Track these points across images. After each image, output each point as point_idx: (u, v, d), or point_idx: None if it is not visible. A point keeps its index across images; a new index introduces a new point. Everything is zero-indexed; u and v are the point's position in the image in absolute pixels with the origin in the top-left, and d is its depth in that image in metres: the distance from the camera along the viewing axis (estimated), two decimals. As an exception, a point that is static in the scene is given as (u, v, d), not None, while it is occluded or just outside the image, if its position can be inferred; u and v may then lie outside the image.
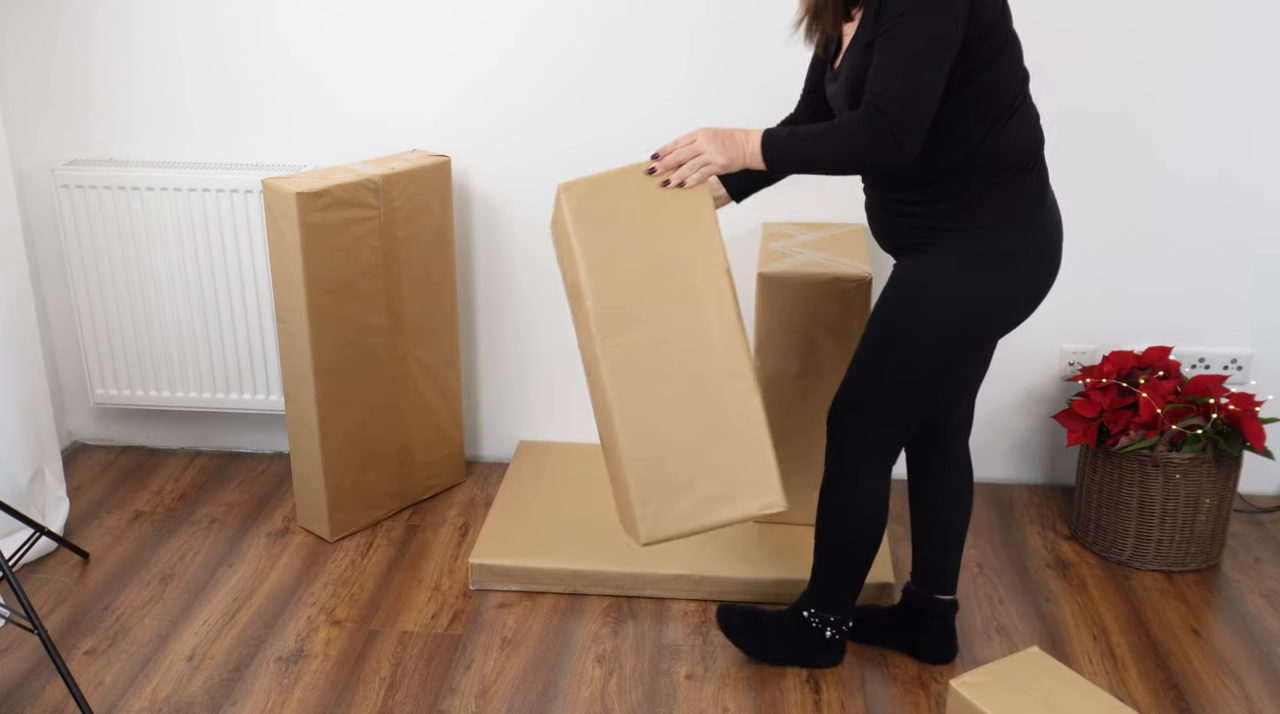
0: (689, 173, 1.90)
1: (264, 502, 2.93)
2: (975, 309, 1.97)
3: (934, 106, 1.78)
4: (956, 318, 1.97)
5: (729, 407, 1.88)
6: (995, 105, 1.87)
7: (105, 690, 2.25)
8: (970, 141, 1.87)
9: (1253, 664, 2.34)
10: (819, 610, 2.26)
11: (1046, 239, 1.97)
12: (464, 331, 3.02)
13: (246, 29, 2.80)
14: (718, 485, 1.90)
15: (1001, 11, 1.86)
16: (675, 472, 1.89)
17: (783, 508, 1.91)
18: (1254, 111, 2.67)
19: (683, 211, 1.90)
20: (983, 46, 1.82)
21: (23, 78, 2.87)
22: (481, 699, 2.23)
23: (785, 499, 1.91)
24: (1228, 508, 2.64)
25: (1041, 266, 1.98)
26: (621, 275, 1.89)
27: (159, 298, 2.93)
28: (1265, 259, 2.78)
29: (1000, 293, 1.96)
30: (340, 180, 2.53)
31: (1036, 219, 1.95)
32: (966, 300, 1.96)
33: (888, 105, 1.76)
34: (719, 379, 1.88)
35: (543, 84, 2.79)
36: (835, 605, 2.25)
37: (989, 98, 1.86)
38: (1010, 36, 1.88)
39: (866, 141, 1.78)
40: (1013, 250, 1.93)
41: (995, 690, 1.84)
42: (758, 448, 1.89)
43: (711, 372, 1.88)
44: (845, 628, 2.28)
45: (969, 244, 1.93)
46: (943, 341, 1.99)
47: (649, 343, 1.88)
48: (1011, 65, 1.89)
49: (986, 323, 2.00)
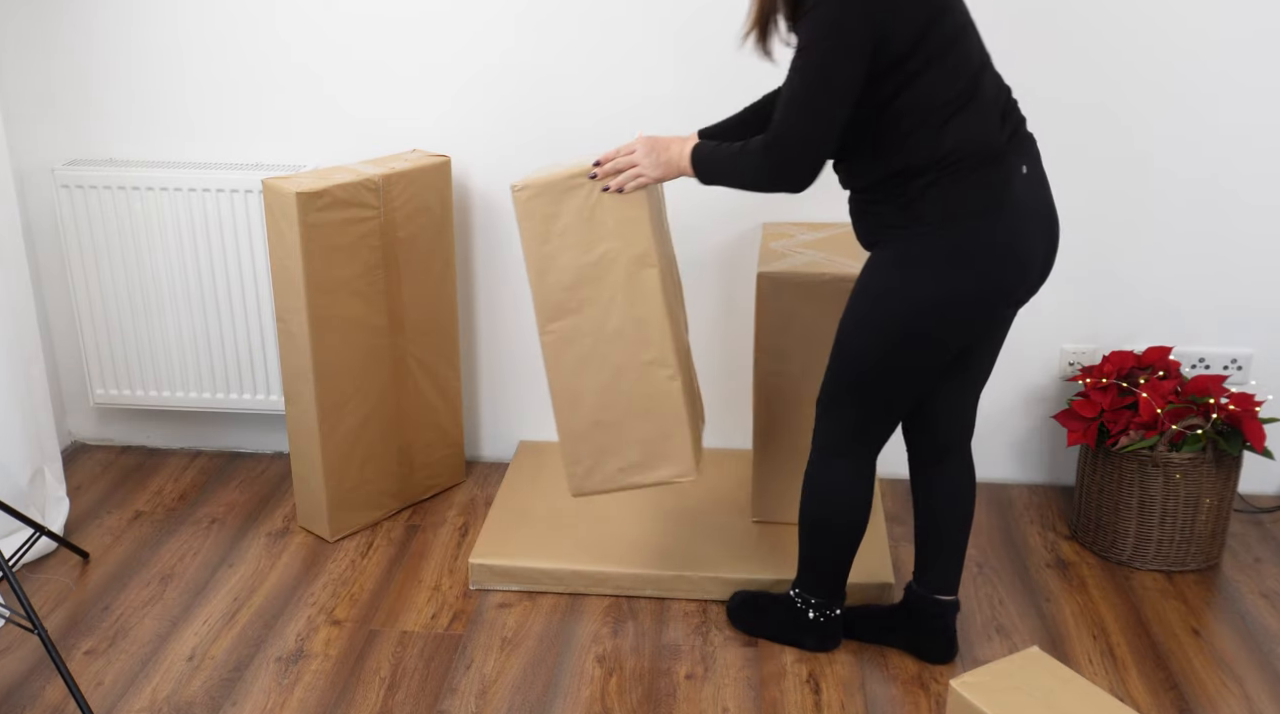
0: (625, 181, 2.07)
1: (264, 502, 2.93)
2: (916, 307, 1.96)
3: (828, 142, 1.87)
4: (897, 315, 1.97)
5: (651, 390, 2.17)
6: (929, 112, 1.87)
7: (105, 690, 2.25)
8: (907, 146, 1.90)
9: (1253, 664, 2.34)
10: (803, 592, 2.31)
11: (999, 239, 1.92)
12: (464, 331, 3.02)
13: (247, 29, 2.80)
14: (638, 454, 2.23)
15: (924, 28, 1.84)
16: (601, 440, 2.23)
17: (694, 477, 2.24)
18: (1254, 112, 2.67)
19: (621, 214, 2.11)
20: (908, 64, 1.84)
21: (23, 78, 2.87)
22: (481, 699, 2.23)
23: (697, 470, 2.23)
24: (1228, 508, 2.64)
25: (992, 268, 1.93)
26: (559, 272, 2.14)
27: (159, 298, 2.93)
28: (1265, 259, 2.78)
29: (941, 292, 1.94)
30: (340, 180, 2.53)
31: (986, 218, 1.91)
32: (906, 298, 1.96)
33: (779, 142, 1.88)
34: (641, 367, 2.16)
35: (543, 84, 2.79)
36: (817, 589, 2.29)
37: (921, 106, 1.87)
38: (940, 49, 1.86)
39: (764, 172, 1.92)
40: (955, 250, 1.92)
41: (995, 690, 1.84)
42: (676, 425, 2.19)
43: (634, 361, 2.17)
44: (830, 613, 2.31)
45: (909, 242, 1.94)
46: (885, 338, 2.00)
47: (579, 333, 2.17)
48: (945, 74, 1.87)
49: (929, 321, 1.97)
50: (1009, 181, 1.93)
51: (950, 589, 2.30)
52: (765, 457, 2.64)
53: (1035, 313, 2.84)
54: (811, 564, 2.29)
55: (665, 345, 2.16)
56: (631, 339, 2.17)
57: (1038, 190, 1.98)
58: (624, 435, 2.23)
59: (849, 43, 1.81)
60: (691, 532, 2.66)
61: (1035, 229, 1.97)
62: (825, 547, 2.24)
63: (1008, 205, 1.92)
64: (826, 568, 2.27)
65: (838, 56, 1.82)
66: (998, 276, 1.95)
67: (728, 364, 2.98)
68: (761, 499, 2.68)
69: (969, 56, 1.90)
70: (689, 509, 2.75)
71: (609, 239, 2.12)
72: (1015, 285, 1.98)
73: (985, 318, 2.02)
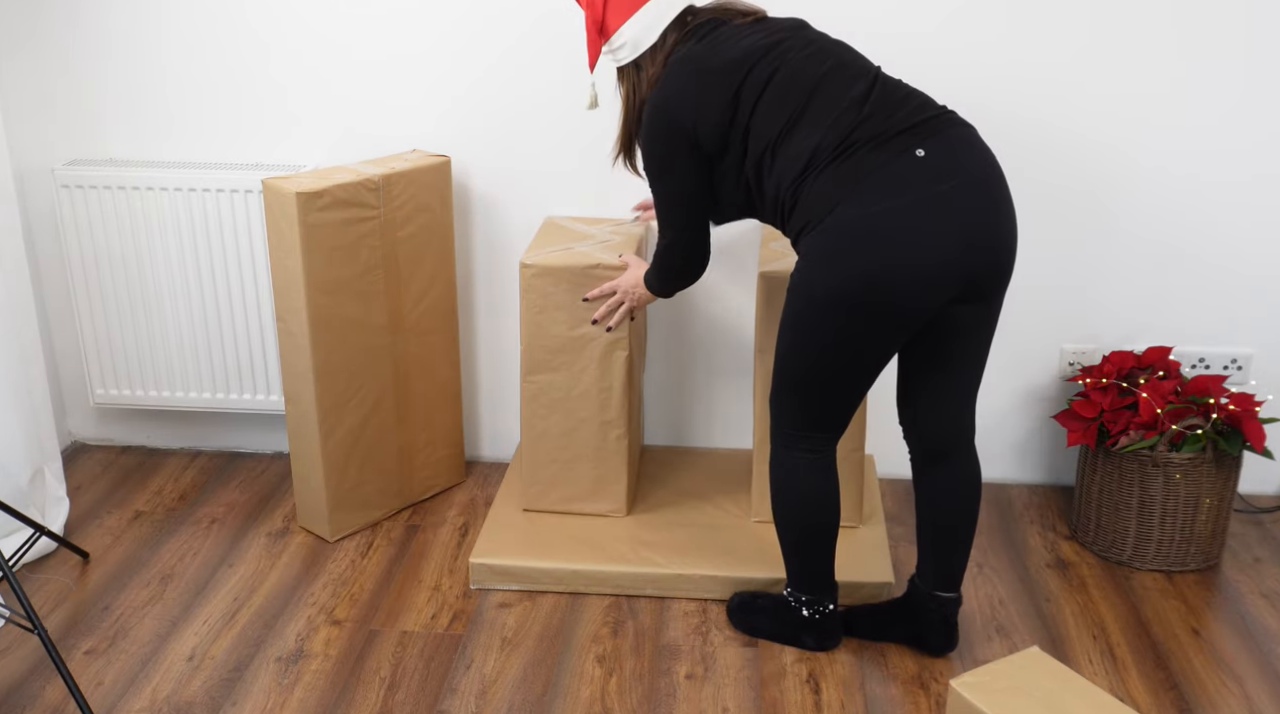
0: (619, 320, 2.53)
1: (264, 502, 2.93)
2: (812, 300, 2.01)
3: (696, 223, 2.20)
4: (800, 309, 2.04)
5: (603, 444, 2.65)
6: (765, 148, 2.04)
7: (105, 690, 2.25)
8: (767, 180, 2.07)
9: (1253, 664, 2.35)
10: (794, 590, 2.33)
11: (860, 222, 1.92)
12: (464, 331, 3.02)
13: (246, 29, 2.80)
14: (583, 490, 2.70)
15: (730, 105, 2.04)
16: (556, 473, 2.70)
17: (622, 515, 2.71)
18: (1254, 113, 2.67)
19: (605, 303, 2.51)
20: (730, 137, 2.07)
21: (23, 78, 2.87)
22: (481, 699, 2.23)
23: (626, 512, 2.72)
24: (1228, 508, 2.64)
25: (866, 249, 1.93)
26: (546, 338, 2.57)
27: (159, 298, 2.93)
28: (1265, 259, 2.78)
29: (828, 282, 1.97)
30: (340, 180, 2.53)
31: (845, 207, 1.94)
32: (805, 293, 2.02)
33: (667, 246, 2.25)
34: (599, 424, 2.63)
35: (543, 84, 2.79)
36: (806, 585, 2.31)
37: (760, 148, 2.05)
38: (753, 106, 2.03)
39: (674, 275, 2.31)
40: (829, 244, 1.97)
41: (995, 690, 1.84)
42: (618, 474, 2.68)
43: (594, 418, 2.63)
44: (824, 609, 2.31)
45: (804, 248, 2.03)
46: (797, 331, 2.06)
47: (553, 387, 2.61)
48: (768, 117, 2.03)
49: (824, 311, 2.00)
50: (878, 167, 1.93)
51: (951, 586, 2.30)
52: (765, 457, 2.63)
53: (1035, 313, 2.84)
54: (793, 562, 2.30)
55: (621, 413, 2.62)
56: (595, 402, 2.61)
57: (941, 173, 1.93)
58: (574, 473, 2.69)
59: (670, 161, 2.12)
60: (691, 532, 2.66)
61: (923, 211, 1.92)
62: (800, 543, 2.26)
63: (874, 187, 1.92)
64: (807, 564, 2.28)
65: (667, 173, 2.14)
66: (871, 265, 1.93)
67: (728, 364, 2.98)
68: (762, 499, 2.68)
69: (790, 85, 2.02)
70: (689, 509, 2.75)
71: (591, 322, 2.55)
72: (921, 260, 1.93)
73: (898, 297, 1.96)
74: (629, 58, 2.17)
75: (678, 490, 2.84)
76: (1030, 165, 2.71)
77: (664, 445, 3.08)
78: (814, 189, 1.98)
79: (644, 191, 2.84)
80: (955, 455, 2.23)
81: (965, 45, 2.66)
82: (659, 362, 3.00)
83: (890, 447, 2.89)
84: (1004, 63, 2.67)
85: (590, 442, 2.65)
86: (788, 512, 2.24)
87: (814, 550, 2.26)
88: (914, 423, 2.23)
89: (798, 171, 2.00)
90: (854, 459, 2.61)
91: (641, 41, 2.14)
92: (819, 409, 2.14)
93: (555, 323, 2.56)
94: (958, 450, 2.23)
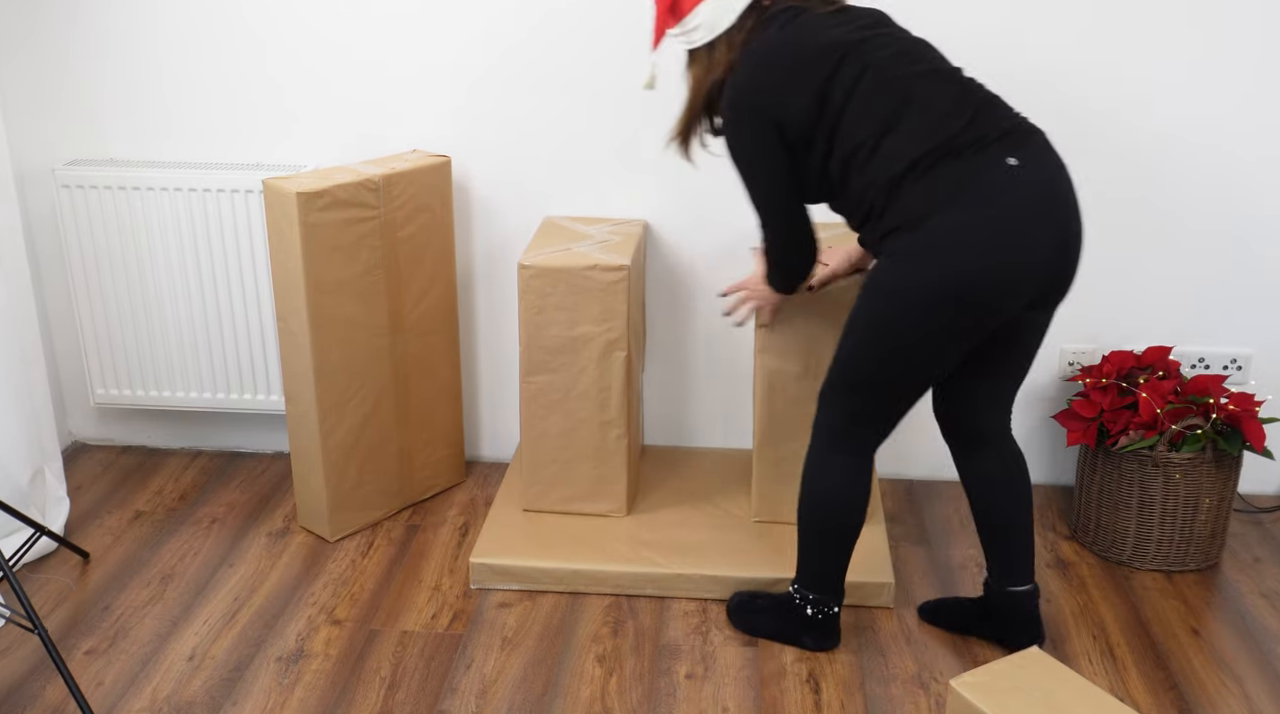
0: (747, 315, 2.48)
1: (264, 501, 2.93)
2: (914, 299, 1.99)
3: (795, 213, 2.15)
4: (891, 310, 2.02)
5: (603, 444, 2.65)
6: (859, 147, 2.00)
7: (105, 690, 2.25)
8: (856, 177, 2.03)
9: (1252, 664, 2.35)
10: (802, 588, 2.32)
11: (962, 230, 1.94)
12: (464, 332, 3.02)
13: (247, 29, 2.80)
14: (583, 490, 2.70)
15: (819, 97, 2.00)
16: (555, 473, 2.69)
17: (622, 515, 2.71)
18: (1253, 112, 2.67)
19: (604, 304, 2.53)
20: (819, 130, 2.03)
21: (23, 78, 2.87)
22: (481, 699, 2.23)
23: (626, 511, 2.71)
24: (1227, 508, 2.64)
25: (958, 258, 1.94)
26: (545, 339, 2.57)
27: (159, 298, 2.93)
28: (1265, 259, 2.78)
29: (914, 287, 1.97)
30: (340, 180, 2.53)
31: (939, 216, 1.94)
32: (890, 295, 2.01)
33: (768, 248, 2.23)
34: (598, 425, 2.63)
35: (543, 84, 2.79)
36: (816, 585, 2.30)
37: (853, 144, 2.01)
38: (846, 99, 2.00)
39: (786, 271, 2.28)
40: (930, 244, 1.95)
41: (995, 690, 1.84)
42: (617, 474, 2.67)
43: (593, 419, 2.63)
44: (828, 610, 2.31)
45: (891, 248, 2.01)
46: (871, 333, 2.05)
47: (553, 387, 2.62)
48: (863, 114, 1.99)
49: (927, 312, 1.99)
50: (977, 171, 1.95)
51: (1023, 579, 2.30)
52: (765, 456, 2.64)
53: (1035, 313, 2.84)
54: (809, 560, 2.29)
55: (621, 412, 2.61)
56: (594, 402, 2.61)
57: (1033, 177, 1.97)
58: (574, 473, 2.68)
59: (760, 151, 2.08)
60: (691, 532, 2.66)
61: (1024, 214, 1.95)
62: (822, 543, 2.25)
63: (976, 193, 1.94)
64: (825, 564, 2.28)
65: (757, 166, 2.10)
66: (975, 260, 1.94)
67: (728, 364, 2.98)
68: (761, 499, 2.68)
69: (884, 83, 1.99)
70: (689, 509, 2.75)
71: (591, 322, 2.55)
72: (1011, 269, 1.96)
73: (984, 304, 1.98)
74: (703, 40, 2.11)
75: (678, 490, 2.84)
76: (1030, 165, 2.72)
77: (664, 445, 3.08)
78: (913, 192, 1.96)
79: (644, 185, 2.84)
80: (999, 444, 2.26)
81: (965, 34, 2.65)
82: (659, 362, 3.00)
83: (890, 447, 2.89)
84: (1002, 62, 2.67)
85: (590, 442, 2.65)
86: (817, 511, 2.22)
87: (835, 552, 2.26)
88: (957, 422, 2.25)
89: (896, 174, 1.97)
90: (854, 459, 2.61)
91: (718, 24, 2.09)
92: (880, 408, 2.14)
93: (554, 323, 2.56)
94: (1002, 440, 2.27)
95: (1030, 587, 2.31)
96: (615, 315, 2.54)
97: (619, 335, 2.56)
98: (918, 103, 1.98)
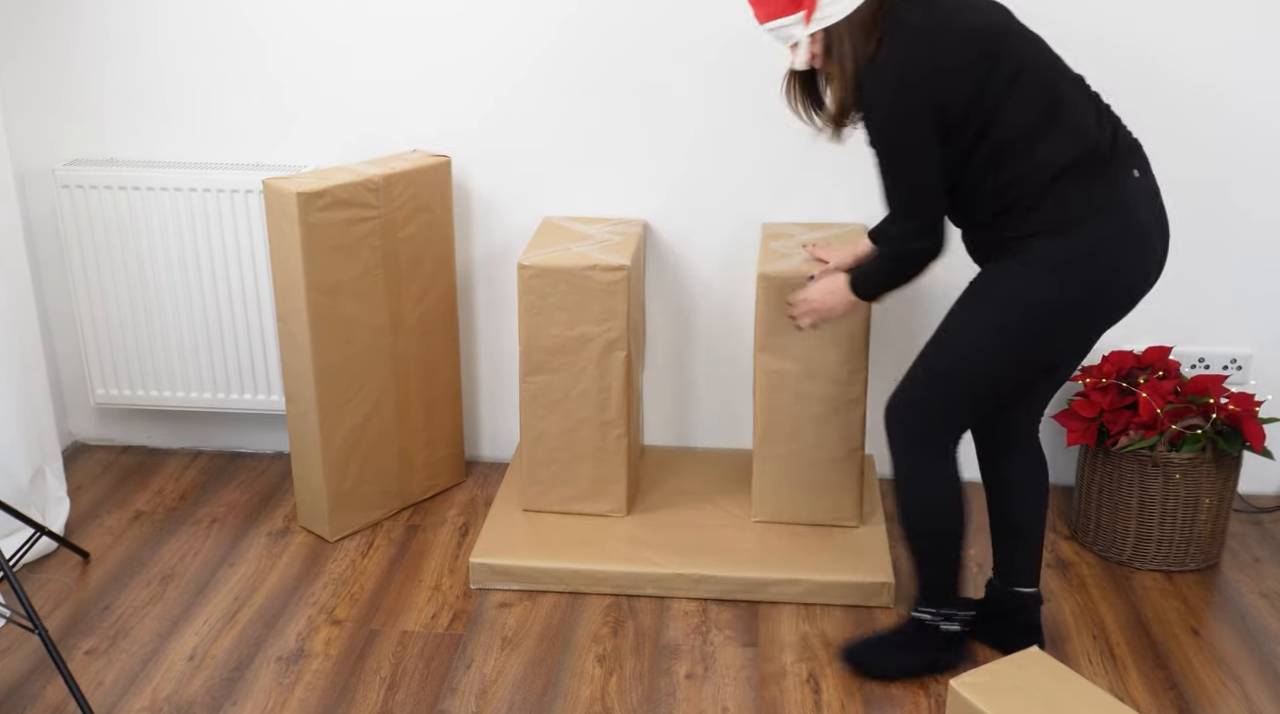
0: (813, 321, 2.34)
1: (264, 501, 2.93)
2: (1045, 306, 1.99)
3: (940, 211, 2.01)
4: (1017, 315, 2.01)
5: (603, 444, 2.65)
6: (1017, 140, 1.95)
7: (106, 690, 2.25)
8: (1007, 173, 1.98)
9: (1252, 664, 2.35)
10: (930, 607, 2.25)
11: (1115, 237, 1.96)
12: (464, 331, 3.02)
13: (247, 30, 2.80)
14: (583, 490, 2.71)
15: (980, 83, 1.93)
16: (556, 473, 2.70)
17: (622, 515, 2.71)
18: (1253, 112, 2.67)
19: (604, 305, 2.53)
20: (975, 118, 1.95)
21: (23, 78, 2.87)
22: (481, 699, 2.23)
23: (627, 511, 2.71)
24: (1227, 508, 2.64)
25: (1112, 265, 1.98)
26: (544, 339, 2.58)
27: (159, 298, 2.93)
28: (1265, 259, 2.78)
29: (1064, 294, 1.98)
30: (340, 180, 2.53)
31: (1100, 218, 1.96)
32: (1033, 301, 1.99)
33: (907, 238, 2.04)
34: (598, 425, 2.64)
35: (543, 84, 2.79)
36: (944, 599, 2.25)
37: (1008, 138, 1.95)
38: (1005, 89, 1.94)
39: (908, 265, 2.07)
40: (1078, 252, 1.96)
41: (995, 690, 1.84)
42: (617, 474, 2.68)
43: (593, 419, 2.63)
44: (964, 619, 2.27)
45: (1033, 251, 1.99)
46: (1003, 339, 2.03)
47: (552, 388, 2.62)
48: (1020, 105, 1.94)
49: (1037, 323, 2.01)
50: (1118, 182, 1.98)
51: (1029, 581, 2.30)
52: (765, 456, 2.64)
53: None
54: (932, 576, 2.24)
55: (620, 413, 2.62)
56: (594, 402, 2.61)
57: (1150, 191, 2.03)
58: (574, 473, 2.69)
59: (913, 134, 1.95)
60: (691, 532, 2.66)
61: (1151, 228, 2.01)
62: (940, 554, 2.21)
63: (1120, 204, 1.97)
64: (946, 574, 2.23)
65: (908, 149, 1.97)
66: (1119, 273, 2.00)
67: (728, 364, 2.98)
68: (762, 499, 2.68)
69: (1038, 80, 1.96)
70: (689, 509, 2.75)
71: (590, 322, 2.55)
72: (1137, 282, 2.02)
73: (1107, 316, 2.04)
74: (839, 16, 1.96)
75: (678, 490, 2.84)
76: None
77: (664, 445, 3.08)
78: (1063, 197, 1.95)
79: (644, 185, 2.84)
80: (1027, 444, 2.27)
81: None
82: (659, 362, 3.00)
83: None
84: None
85: (590, 442, 2.65)
86: (938, 522, 2.18)
87: (953, 557, 2.21)
88: (995, 421, 2.25)
89: (1050, 175, 1.95)
90: (854, 459, 2.61)
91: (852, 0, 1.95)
92: (978, 411, 2.14)
93: (554, 323, 2.56)
94: (1029, 440, 2.28)
95: (1035, 590, 2.31)
96: (615, 315, 2.54)
97: (619, 335, 2.56)
98: (1066, 107, 1.97)
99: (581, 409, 2.63)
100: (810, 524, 2.65)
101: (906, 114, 1.95)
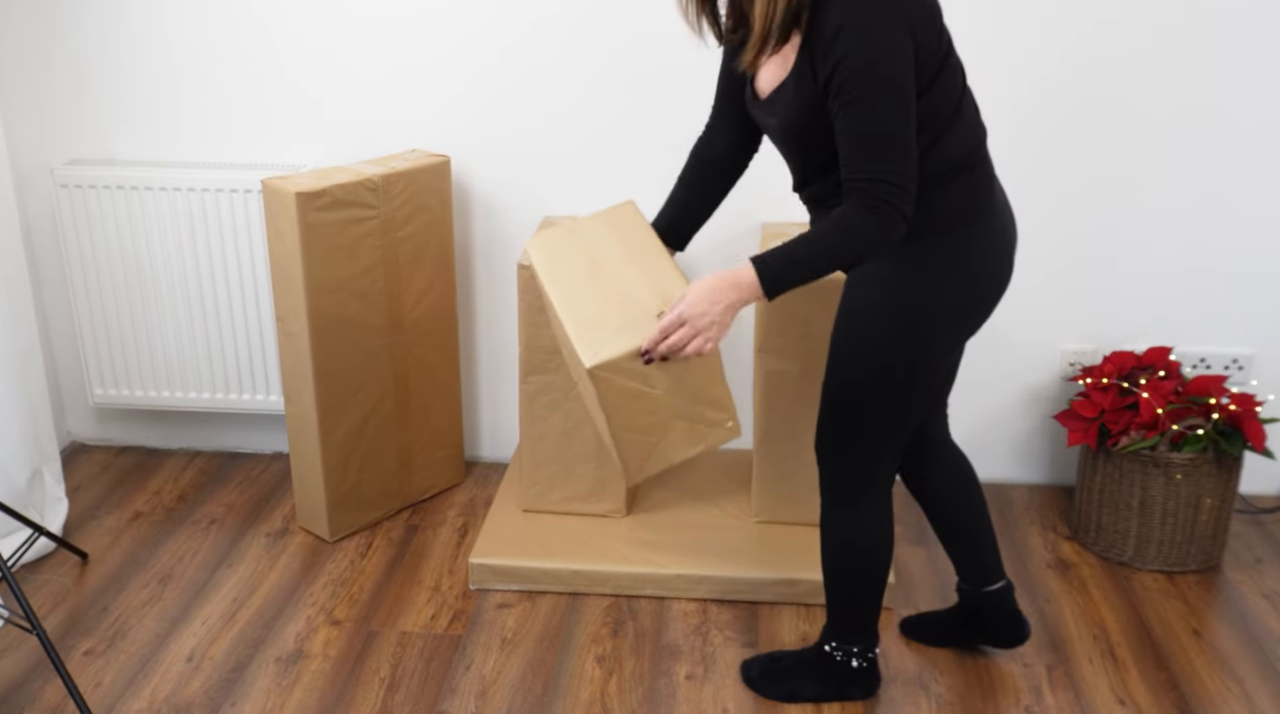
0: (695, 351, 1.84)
1: (263, 502, 2.93)
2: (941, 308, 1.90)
3: (914, 151, 1.76)
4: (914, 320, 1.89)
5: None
6: (935, 121, 1.81)
7: (104, 691, 2.25)
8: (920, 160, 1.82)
9: (1253, 664, 2.34)
10: (841, 644, 2.18)
11: (994, 239, 1.92)
12: (464, 332, 3.02)
13: (246, 29, 2.80)
14: (583, 489, 2.70)
15: (939, 35, 1.79)
16: (555, 473, 2.69)
17: (622, 515, 2.71)
18: (1253, 112, 2.66)
19: None
20: (921, 74, 1.76)
21: (23, 78, 2.87)
22: (481, 699, 2.23)
23: (625, 510, 2.72)
24: (1229, 508, 2.64)
25: (989, 267, 1.93)
26: (546, 338, 2.54)
27: (159, 298, 2.92)
28: (1266, 259, 2.78)
29: (946, 298, 1.89)
30: (340, 180, 2.53)
31: (979, 222, 1.90)
32: (911, 310, 1.88)
33: (890, 190, 1.73)
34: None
35: (543, 83, 2.79)
36: (856, 636, 2.16)
37: (930, 117, 1.80)
38: (941, 63, 1.79)
39: (878, 231, 1.75)
40: (958, 254, 1.89)
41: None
42: (616, 473, 2.65)
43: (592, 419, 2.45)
44: (872, 655, 2.19)
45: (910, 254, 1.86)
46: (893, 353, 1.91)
47: (552, 387, 2.61)
48: (951, 77, 1.82)
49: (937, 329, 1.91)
50: (993, 182, 1.95)
51: (995, 576, 2.26)
52: (765, 457, 2.63)
53: (1035, 313, 2.84)
54: (848, 614, 2.15)
55: None
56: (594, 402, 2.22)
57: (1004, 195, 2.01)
58: (574, 473, 2.67)
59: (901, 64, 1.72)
60: (691, 532, 2.66)
61: (1011, 229, 1.99)
62: (861, 594, 2.12)
63: (993, 208, 1.94)
64: (862, 613, 2.14)
65: (897, 83, 1.72)
66: (995, 276, 1.95)
67: (728, 364, 2.97)
68: (762, 499, 2.67)
69: (958, 66, 1.86)
70: (689, 509, 2.75)
71: None
72: (1005, 285, 1.99)
73: (982, 319, 1.99)
74: None
75: (678, 490, 2.83)
76: (1030, 166, 2.71)
77: (664, 446, 3.08)
78: (954, 190, 1.85)
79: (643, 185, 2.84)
80: (944, 448, 2.24)
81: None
82: (659, 362, 3.00)
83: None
84: (1001, 60, 2.66)
85: (590, 442, 2.65)
86: (852, 564, 2.08)
87: (874, 596, 2.12)
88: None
89: (953, 164, 1.85)
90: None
91: None
92: (900, 436, 1.99)
93: (551, 322, 2.54)
94: (946, 443, 2.24)
95: (1004, 583, 2.27)
96: None
97: None
98: (969, 99, 1.89)
99: (581, 409, 2.62)
100: (810, 524, 2.65)
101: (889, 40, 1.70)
